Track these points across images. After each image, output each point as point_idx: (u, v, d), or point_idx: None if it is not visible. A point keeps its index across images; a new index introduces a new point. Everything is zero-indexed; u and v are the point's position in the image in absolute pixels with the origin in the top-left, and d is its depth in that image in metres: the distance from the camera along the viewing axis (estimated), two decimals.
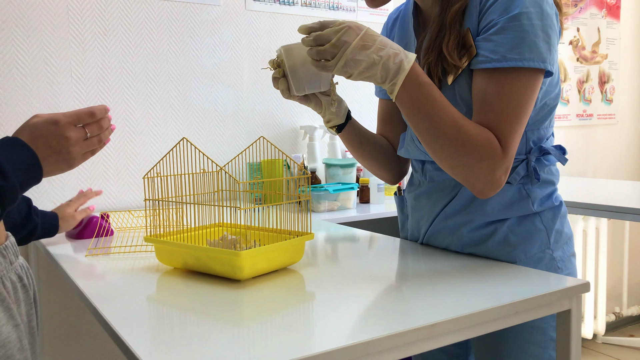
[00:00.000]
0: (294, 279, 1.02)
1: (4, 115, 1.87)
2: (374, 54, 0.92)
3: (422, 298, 0.90)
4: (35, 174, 0.77)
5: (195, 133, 2.23)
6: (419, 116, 0.96)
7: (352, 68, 0.93)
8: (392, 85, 0.95)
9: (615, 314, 3.43)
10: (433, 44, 1.05)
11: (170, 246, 1.05)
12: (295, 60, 1.03)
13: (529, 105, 0.97)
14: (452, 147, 0.95)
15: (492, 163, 0.95)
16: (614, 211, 1.92)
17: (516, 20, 0.95)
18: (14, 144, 0.76)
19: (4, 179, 0.69)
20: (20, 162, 0.73)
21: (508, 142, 0.96)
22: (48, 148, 0.79)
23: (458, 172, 0.98)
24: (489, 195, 0.99)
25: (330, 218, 1.94)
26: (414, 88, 0.95)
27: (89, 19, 1.99)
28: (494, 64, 0.95)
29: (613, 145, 3.60)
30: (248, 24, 2.33)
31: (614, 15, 3.54)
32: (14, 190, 0.70)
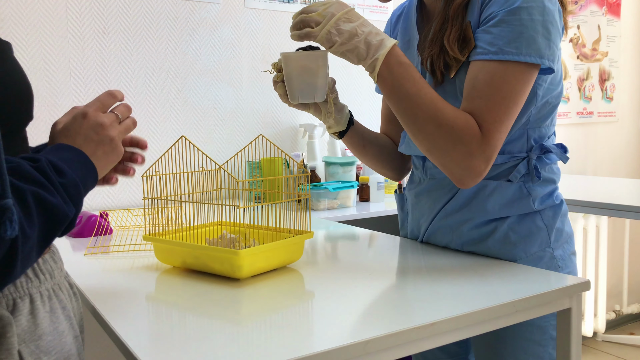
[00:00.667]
0: (294, 277, 1.02)
1: None
2: (358, 27, 0.95)
3: (422, 297, 0.89)
4: (90, 172, 0.72)
5: (194, 131, 2.23)
6: (398, 95, 0.96)
7: (335, 36, 0.94)
8: (374, 60, 0.95)
9: (615, 311, 3.43)
10: (436, 37, 1.05)
11: (169, 245, 1.04)
12: (292, 70, 1.05)
13: (519, 98, 0.96)
14: (429, 128, 0.94)
15: (469, 148, 0.93)
16: (614, 209, 1.92)
17: (516, 13, 0.94)
18: (59, 148, 0.70)
19: (62, 176, 0.65)
20: (71, 159, 0.69)
21: (490, 130, 0.94)
22: (90, 142, 0.74)
23: (435, 156, 0.97)
24: (468, 184, 0.97)
25: (330, 216, 1.94)
26: (395, 66, 0.95)
27: (88, 17, 1.99)
28: (491, 55, 0.95)
29: (613, 143, 3.60)
30: (247, 22, 2.33)
31: (615, 13, 3.53)
32: (75, 185, 0.66)
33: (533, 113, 1.05)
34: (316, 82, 1.06)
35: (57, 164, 0.65)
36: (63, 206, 0.62)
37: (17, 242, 0.56)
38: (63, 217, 0.62)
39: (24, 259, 0.58)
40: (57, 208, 0.61)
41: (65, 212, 0.62)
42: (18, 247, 0.56)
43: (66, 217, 0.63)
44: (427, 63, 1.07)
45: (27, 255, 0.58)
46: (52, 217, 0.61)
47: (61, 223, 0.63)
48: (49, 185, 0.62)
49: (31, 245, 0.59)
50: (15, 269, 0.57)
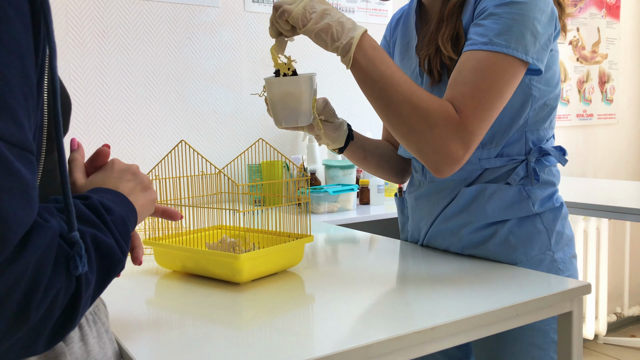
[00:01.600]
0: (294, 281, 1.01)
1: None
2: (330, 10, 0.95)
3: (423, 301, 0.89)
4: (131, 211, 0.67)
5: (194, 135, 2.23)
6: (373, 78, 0.94)
7: (310, 14, 0.93)
8: (349, 41, 0.93)
9: (616, 314, 3.42)
10: (432, 37, 1.06)
11: (169, 249, 1.04)
12: (274, 95, 1.04)
13: (505, 90, 0.94)
14: (405, 111, 0.92)
15: (444, 131, 0.91)
16: (615, 211, 1.92)
17: (508, 7, 0.94)
18: (96, 190, 0.66)
19: (110, 213, 0.60)
20: (112, 200, 0.64)
21: (469, 116, 0.92)
22: (127, 182, 0.70)
23: (411, 141, 0.94)
24: (445, 171, 0.94)
25: (330, 219, 1.94)
26: (369, 49, 0.94)
27: (88, 21, 1.99)
28: (480, 46, 0.94)
29: (613, 145, 3.60)
30: (247, 26, 2.33)
31: (614, 15, 3.53)
32: (123, 222, 0.62)
33: (531, 115, 1.05)
34: (299, 107, 1.04)
35: (105, 202, 0.61)
36: (117, 248, 0.58)
37: (81, 287, 0.52)
38: (118, 261, 0.58)
39: (84, 307, 0.53)
40: (113, 250, 0.57)
41: (120, 256, 0.59)
42: (82, 294, 0.52)
43: (120, 260, 0.59)
44: (425, 63, 1.07)
45: (86, 303, 0.54)
46: (109, 261, 0.57)
47: (117, 266, 0.59)
48: (102, 226, 0.58)
49: (90, 293, 0.54)
50: (76, 318, 0.53)
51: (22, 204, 0.45)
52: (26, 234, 0.47)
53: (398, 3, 2.72)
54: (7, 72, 0.46)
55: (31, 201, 0.46)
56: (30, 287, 0.47)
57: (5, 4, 0.46)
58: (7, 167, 0.44)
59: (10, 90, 0.46)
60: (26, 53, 0.48)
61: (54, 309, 0.49)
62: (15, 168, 0.45)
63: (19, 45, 0.47)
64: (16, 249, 0.45)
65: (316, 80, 1.09)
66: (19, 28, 0.47)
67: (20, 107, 0.47)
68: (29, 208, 0.46)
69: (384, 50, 0.96)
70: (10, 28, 0.46)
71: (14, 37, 0.47)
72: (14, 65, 0.46)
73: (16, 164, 0.45)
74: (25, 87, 0.47)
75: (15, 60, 0.47)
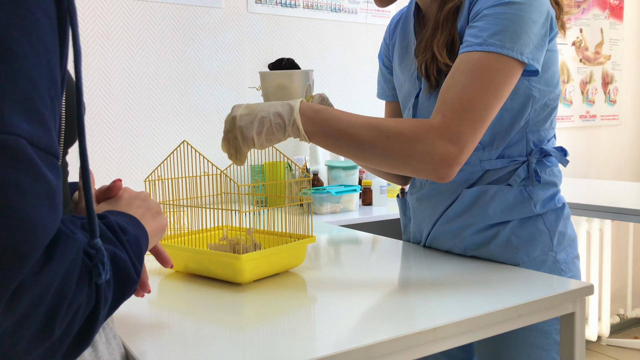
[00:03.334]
0: (296, 282, 1.01)
1: None
2: (260, 111, 0.95)
3: (425, 301, 0.89)
4: (143, 233, 0.67)
5: (197, 136, 2.23)
6: (334, 135, 0.93)
7: (249, 131, 0.94)
8: (293, 121, 0.93)
9: (619, 315, 3.42)
10: (428, 44, 1.05)
11: (171, 249, 1.04)
12: (268, 88, 1.06)
13: (500, 90, 0.93)
14: (380, 146, 0.92)
15: (426, 141, 0.90)
16: (618, 212, 1.91)
17: (502, 7, 0.94)
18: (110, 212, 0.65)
19: (124, 232, 0.60)
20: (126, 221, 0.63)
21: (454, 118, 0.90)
22: (137, 209, 0.70)
23: (402, 167, 0.93)
24: (446, 175, 0.92)
25: (333, 220, 1.94)
26: (312, 115, 0.94)
27: (91, 22, 2.00)
28: (475, 47, 0.93)
29: (616, 147, 3.59)
30: (250, 27, 2.33)
31: (617, 16, 3.53)
32: (137, 243, 0.61)
33: (531, 116, 1.05)
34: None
35: (120, 223, 0.61)
36: (132, 268, 0.57)
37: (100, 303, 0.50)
38: (133, 281, 0.57)
39: (100, 324, 0.52)
40: (129, 270, 0.57)
41: (134, 276, 0.57)
42: (100, 310, 0.51)
43: (135, 281, 0.58)
44: (422, 68, 1.07)
45: (102, 321, 0.52)
46: (125, 280, 0.56)
47: (132, 287, 0.57)
48: (119, 244, 0.57)
49: (106, 311, 0.53)
50: (93, 335, 0.51)
51: (49, 209, 0.44)
52: (53, 245, 0.46)
53: (400, 3, 2.72)
54: (36, 75, 0.45)
55: (56, 207, 0.45)
56: (57, 300, 0.45)
57: (33, 6, 0.45)
58: (35, 172, 0.43)
59: (38, 93, 0.45)
60: (53, 56, 0.47)
61: (73, 325, 0.48)
62: (43, 173, 0.44)
63: (47, 48, 0.46)
64: (42, 259, 0.44)
65: (313, 77, 1.09)
66: (46, 30, 0.46)
67: (48, 110, 0.46)
68: (54, 214, 0.45)
69: (327, 107, 0.96)
70: (38, 30, 0.45)
71: (42, 39, 0.46)
72: (42, 68, 0.46)
73: (44, 169, 0.44)
74: (52, 90, 0.47)
75: (44, 63, 0.46)
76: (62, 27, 0.49)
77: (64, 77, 0.51)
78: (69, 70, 0.56)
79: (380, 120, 0.93)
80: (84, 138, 0.52)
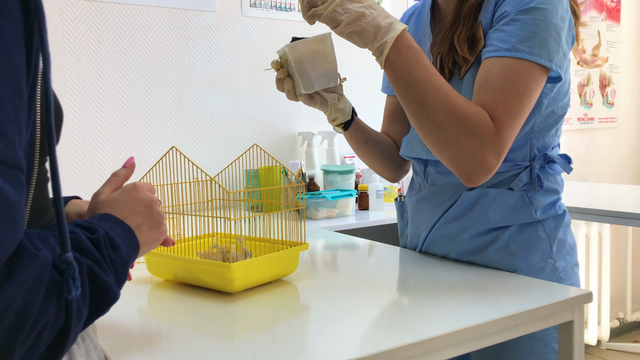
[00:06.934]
0: (288, 290, 0.99)
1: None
2: (366, 8, 0.91)
3: (420, 311, 0.87)
4: (135, 251, 0.65)
5: (191, 140, 2.21)
6: (407, 80, 0.91)
7: (341, 15, 0.90)
8: (382, 44, 0.90)
9: (619, 319, 3.40)
10: (446, 35, 1.04)
11: (161, 258, 1.02)
12: (303, 57, 1.02)
13: (532, 96, 0.93)
14: (440, 116, 0.90)
15: (481, 139, 0.89)
16: (617, 216, 1.89)
17: (530, 13, 0.92)
18: (108, 219, 0.65)
19: (115, 252, 0.59)
20: (122, 236, 0.63)
21: (504, 124, 0.90)
22: (137, 215, 0.68)
23: (445, 147, 0.91)
24: (477, 180, 0.92)
25: (329, 225, 1.92)
26: (404, 50, 0.91)
27: (84, 27, 1.98)
28: (503, 52, 0.92)
29: (615, 149, 3.57)
30: (245, 30, 2.31)
31: (614, 18, 3.51)
32: (125, 265, 0.60)
33: (538, 122, 1.03)
34: (327, 66, 1.03)
35: (113, 239, 0.60)
36: (113, 287, 0.56)
37: (71, 320, 0.49)
38: (112, 299, 0.56)
39: (72, 340, 0.50)
40: (109, 288, 0.55)
41: (114, 294, 0.56)
42: (71, 327, 0.49)
43: (114, 299, 0.57)
44: (437, 61, 1.05)
45: (75, 336, 0.51)
46: (102, 298, 0.55)
47: (109, 305, 0.56)
48: (103, 262, 0.56)
49: (81, 326, 0.51)
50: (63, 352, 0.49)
51: (5, 226, 0.42)
52: (12, 263, 0.43)
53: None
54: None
55: (15, 223, 0.43)
56: (18, 321, 0.43)
57: None
58: None
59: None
60: (18, 64, 0.45)
61: (38, 345, 0.46)
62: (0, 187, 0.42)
63: (10, 56, 0.44)
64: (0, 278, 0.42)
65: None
66: (10, 37, 0.44)
67: (10, 121, 0.44)
68: (11, 230, 0.43)
69: (421, 50, 0.93)
70: (0, 37, 0.43)
71: (5, 47, 0.44)
72: (4, 77, 0.43)
73: (1, 183, 0.42)
74: (16, 101, 0.44)
75: (6, 72, 0.44)
76: (29, 33, 0.47)
77: (34, 84, 0.48)
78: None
79: (454, 94, 0.91)
80: (54, 149, 0.49)
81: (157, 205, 0.73)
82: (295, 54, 1.02)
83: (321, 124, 2.52)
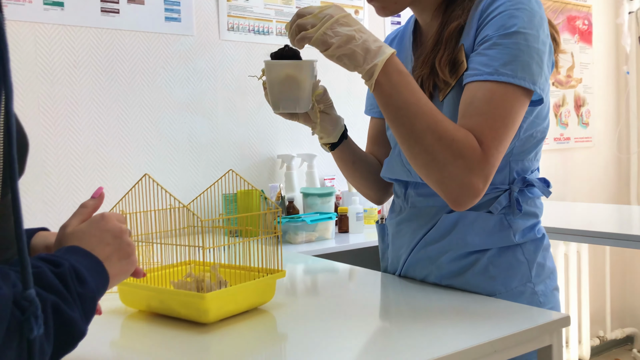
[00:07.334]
0: (265, 320, 0.97)
1: None
2: (355, 32, 0.91)
3: (398, 339, 0.86)
4: (104, 283, 0.64)
5: (168, 165, 2.18)
6: (396, 104, 0.91)
7: (331, 38, 0.90)
8: (372, 67, 0.90)
9: (599, 337, 3.41)
10: (427, 58, 1.04)
11: (133, 288, 1.00)
12: (274, 78, 1.02)
13: (516, 120, 0.94)
14: (428, 140, 0.90)
15: (468, 163, 0.89)
16: (594, 236, 1.91)
17: (512, 37, 0.93)
18: (76, 252, 0.63)
19: (82, 286, 0.57)
20: (90, 268, 0.61)
21: (490, 147, 0.91)
22: (106, 246, 0.67)
23: (432, 171, 0.92)
24: (464, 204, 0.92)
25: (308, 250, 1.90)
26: (394, 74, 0.91)
27: (58, 51, 1.96)
28: (487, 76, 0.93)
29: (591, 168, 3.62)
30: (222, 54, 2.31)
31: (586, 41, 3.59)
32: (93, 298, 0.59)
33: (517, 145, 1.04)
34: (299, 93, 1.02)
35: (80, 272, 0.58)
36: (80, 323, 0.55)
37: (34, 358, 0.47)
38: (79, 335, 0.55)
39: None
40: (75, 324, 0.54)
41: (81, 330, 0.55)
42: None
43: (81, 335, 0.55)
44: (418, 83, 1.05)
45: None
46: (68, 334, 0.54)
47: (76, 341, 0.55)
48: (68, 297, 0.54)
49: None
50: None
51: None
52: None
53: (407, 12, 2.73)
54: None
55: None
56: None
57: None
58: None
59: None
60: None
61: None
62: None
63: None
64: None
65: (317, 68, 1.05)
66: None
67: None
68: None
69: (410, 74, 0.94)
70: None
71: None
72: None
73: None
74: None
75: None
76: None
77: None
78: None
79: (442, 118, 0.91)
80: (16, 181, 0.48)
81: (127, 235, 0.72)
82: (269, 74, 1.02)
83: (300, 146, 2.51)
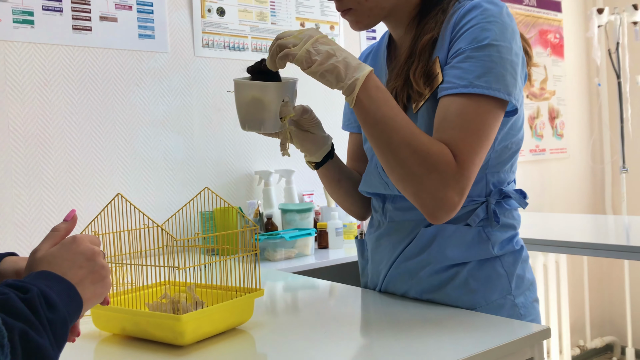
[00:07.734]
0: (243, 340, 0.95)
1: None
2: (335, 50, 0.93)
3: (380, 355, 0.84)
4: (77, 308, 0.62)
5: (143, 183, 2.15)
6: (375, 118, 0.93)
7: (315, 55, 0.92)
8: (353, 81, 0.92)
9: (579, 347, 3.43)
10: (401, 70, 1.05)
11: (107, 311, 0.96)
12: (240, 98, 1.01)
13: (490, 132, 0.94)
14: (404, 153, 0.91)
15: (443, 176, 0.90)
16: (572, 247, 1.92)
17: (485, 50, 0.94)
18: (46, 277, 0.61)
19: (52, 311, 0.56)
20: (60, 292, 0.60)
21: (465, 161, 0.91)
22: (79, 269, 0.65)
23: (408, 184, 0.93)
24: (441, 217, 0.93)
25: (288, 267, 1.87)
26: (372, 90, 0.93)
27: (28, 70, 1.92)
28: (461, 89, 0.93)
29: (566, 179, 3.67)
30: (197, 71, 2.29)
31: (558, 54, 3.65)
32: (64, 323, 0.57)
33: (492, 157, 1.04)
34: (263, 114, 1.00)
35: (50, 297, 0.56)
36: (50, 350, 0.53)
37: None
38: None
39: None
40: (44, 351, 0.52)
41: (51, 357, 0.53)
42: None
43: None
44: (392, 95, 1.05)
45: None
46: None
47: None
48: (37, 324, 0.53)
49: None
50: None
51: None
52: None
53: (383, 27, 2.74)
54: None
55: None
56: None
57: None
58: None
59: None
60: None
61: None
62: None
63: None
64: None
65: (296, 87, 1.04)
66: None
67: None
68: None
69: (387, 91, 0.95)
70: None
71: None
72: None
73: None
74: None
75: None
76: None
77: None
78: None
79: (418, 133, 0.93)
80: None
81: (101, 258, 0.69)
82: (237, 93, 1.01)
83: (278, 162, 2.49)
